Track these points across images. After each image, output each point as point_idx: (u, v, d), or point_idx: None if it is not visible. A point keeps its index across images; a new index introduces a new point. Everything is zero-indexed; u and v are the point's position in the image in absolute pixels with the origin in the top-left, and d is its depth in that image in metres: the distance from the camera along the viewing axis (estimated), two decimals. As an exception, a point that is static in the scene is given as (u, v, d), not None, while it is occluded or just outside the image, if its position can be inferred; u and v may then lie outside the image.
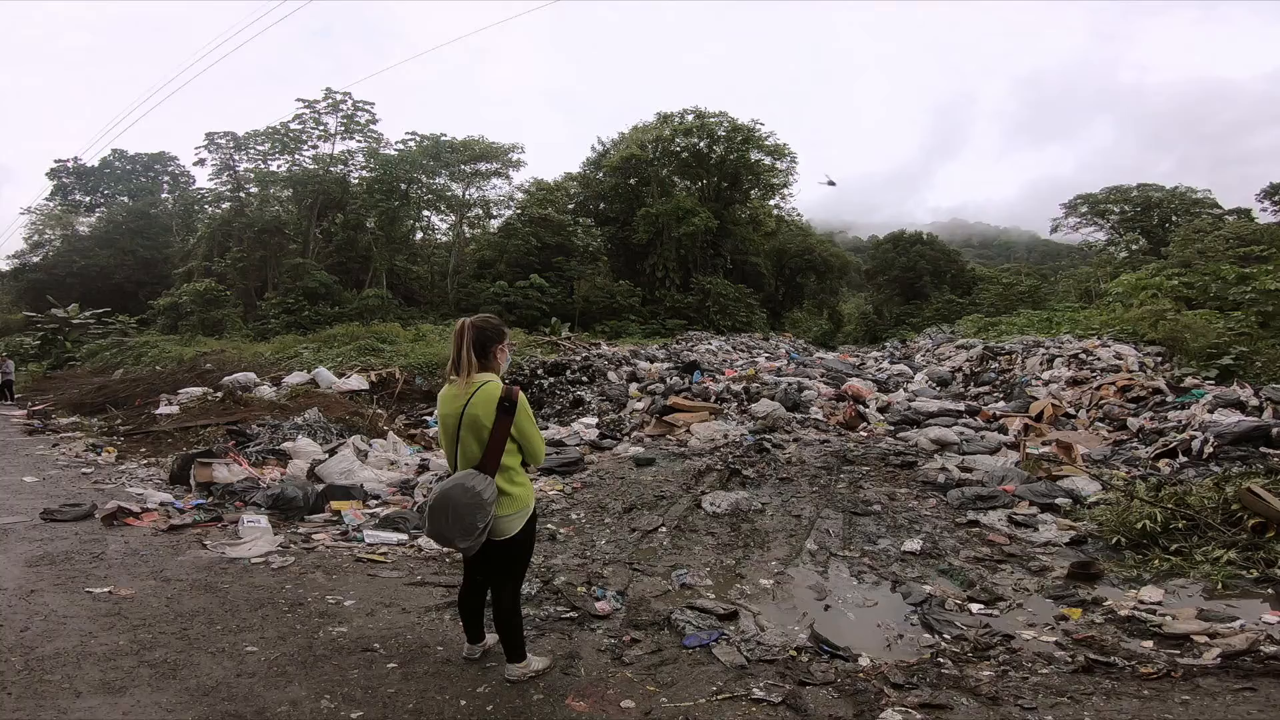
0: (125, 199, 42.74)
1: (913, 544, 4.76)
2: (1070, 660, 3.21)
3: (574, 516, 5.31)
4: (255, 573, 4.08)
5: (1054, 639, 3.46)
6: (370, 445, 7.90)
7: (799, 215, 43.96)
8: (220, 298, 28.57)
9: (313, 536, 4.84)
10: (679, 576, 4.05)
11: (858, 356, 20.93)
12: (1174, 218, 37.12)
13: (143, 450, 8.92)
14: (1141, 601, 4.03)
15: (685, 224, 33.85)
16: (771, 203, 41.17)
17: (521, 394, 2.64)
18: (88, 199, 44.24)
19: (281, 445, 7.53)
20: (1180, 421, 8.83)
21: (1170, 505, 5.16)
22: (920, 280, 41.98)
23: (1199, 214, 35.06)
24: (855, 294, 50.11)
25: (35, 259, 39.16)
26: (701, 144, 37.06)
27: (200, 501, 5.64)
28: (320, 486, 5.89)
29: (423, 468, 7.06)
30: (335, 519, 5.31)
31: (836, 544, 4.74)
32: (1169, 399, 9.98)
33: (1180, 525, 4.98)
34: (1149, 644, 3.41)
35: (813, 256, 40.89)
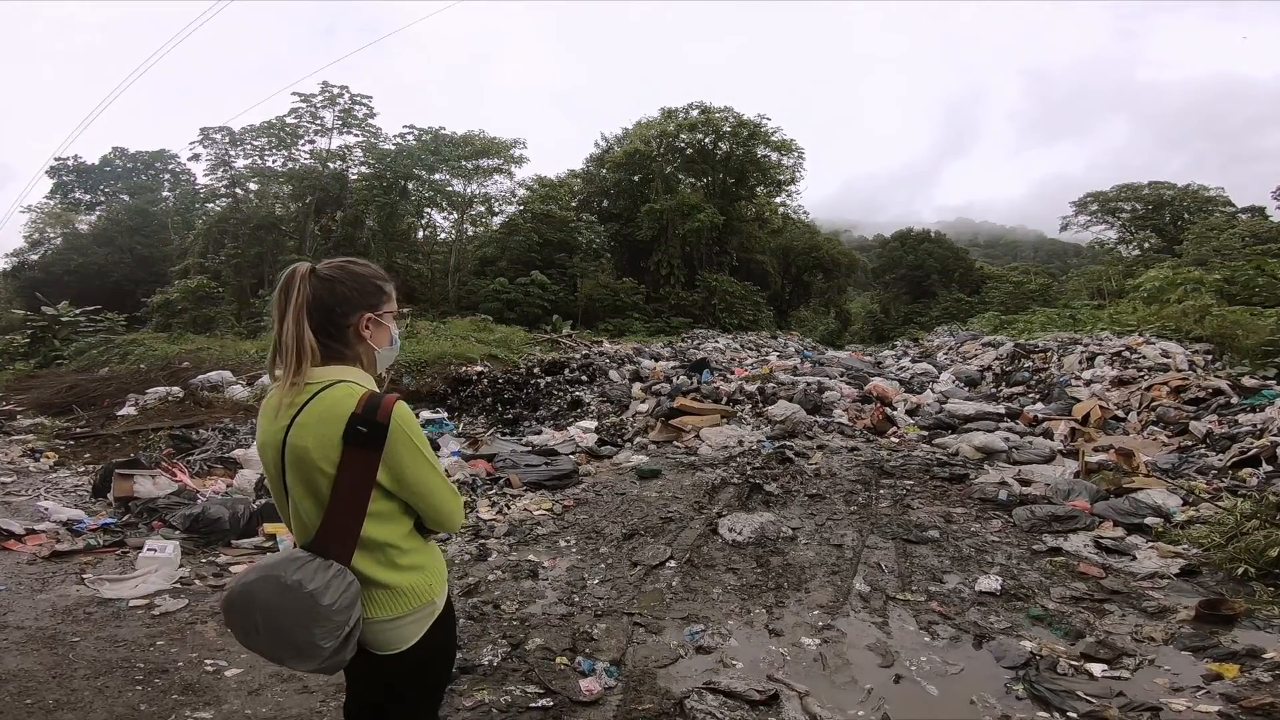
0: (125, 197, 42.13)
1: (989, 581, 3.76)
2: (1251, 738, 2.28)
3: (562, 544, 4.31)
4: (126, 620, 3.09)
5: (1216, 708, 2.60)
6: (336, 452, 6.91)
7: (805, 213, 42.99)
8: (213, 295, 27.79)
9: (230, 569, 3.85)
10: (693, 636, 3.04)
11: (871, 355, 20.02)
12: (1186, 215, 36.42)
13: (87, 456, 7.97)
14: (1311, 650, 3.08)
15: (690, 221, 32.95)
16: (778, 200, 40.21)
17: (402, 408, 1.40)
18: (88, 197, 43.70)
19: (233, 453, 6.55)
20: (1255, 425, 7.81)
21: (1306, 528, 4.17)
22: (928, 279, 41.34)
23: (1212, 212, 34.40)
24: (861, 293, 49.25)
25: (34, 257, 38.58)
26: (706, 140, 36.14)
27: (108, 521, 4.66)
28: (261, 503, 4.91)
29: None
30: (270, 544, 4.33)
31: (893, 583, 3.73)
32: (1234, 400, 8.96)
33: (1324, 552, 4.02)
34: (1342, 709, 2.51)
35: (820, 254, 39.93)
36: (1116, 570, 4.07)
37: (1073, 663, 2.99)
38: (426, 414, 10.23)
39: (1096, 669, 2.95)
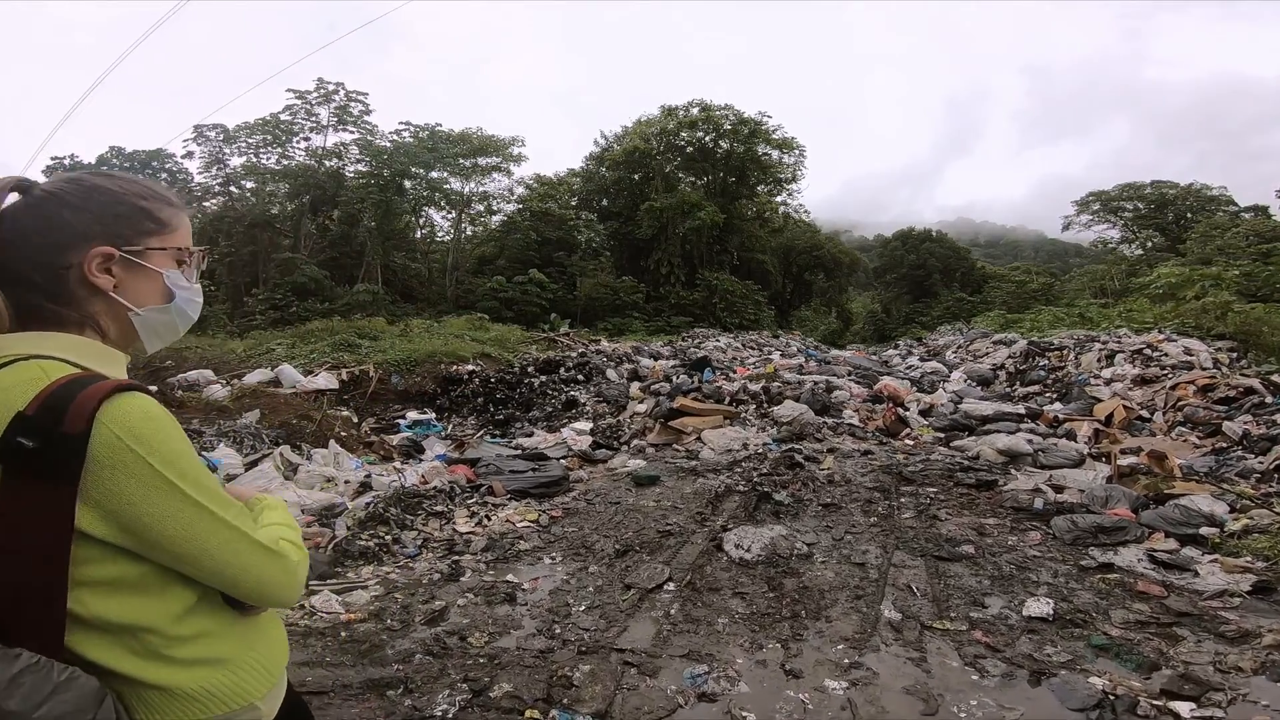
0: (122, 196, 41.82)
1: (1039, 605, 3.25)
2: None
3: (547, 561, 3.80)
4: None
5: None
6: (309, 456, 6.41)
7: (806, 213, 42.56)
8: (206, 293, 27.41)
9: (163, 594, 3.35)
10: (695, 679, 2.53)
11: (875, 354, 19.58)
12: (1189, 215, 36.23)
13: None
14: None
15: (691, 219, 32.55)
16: (779, 199, 39.82)
17: (127, 406, 0.79)
18: (84, 197, 43.45)
19: (196, 456, 6.03)
20: (1298, 427, 7.32)
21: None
22: (930, 278, 41.12)
23: (1215, 211, 34.19)
24: (862, 293, 48.95)
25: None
26: (707, 138, 35.76)
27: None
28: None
29: (365, 487, 5.56)
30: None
31: (927, 609, 3.22)
32: (1268, 400, 8.46)
33: None
34: None
35: (821, 254, 39.52)
36: (1179, 588, 3.57)
37: (1154, 702, 2.51)
38: (414, 414, 9.72)
39: (1183, 708, 2.48)
